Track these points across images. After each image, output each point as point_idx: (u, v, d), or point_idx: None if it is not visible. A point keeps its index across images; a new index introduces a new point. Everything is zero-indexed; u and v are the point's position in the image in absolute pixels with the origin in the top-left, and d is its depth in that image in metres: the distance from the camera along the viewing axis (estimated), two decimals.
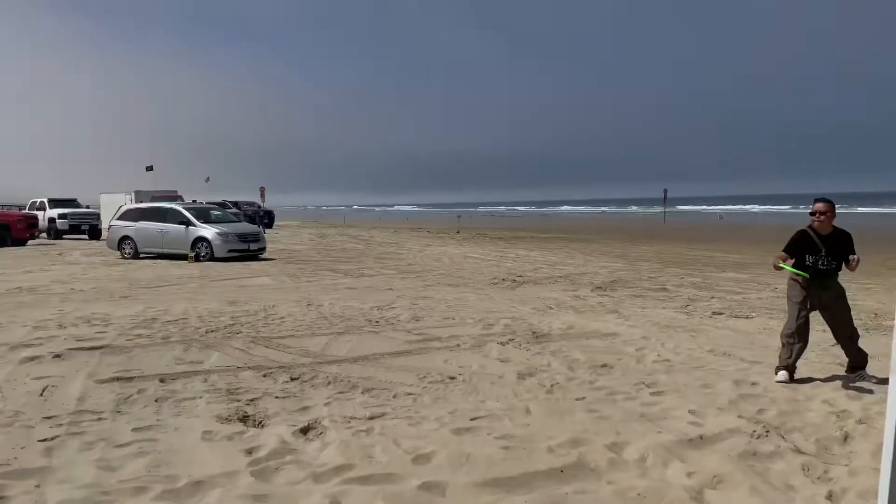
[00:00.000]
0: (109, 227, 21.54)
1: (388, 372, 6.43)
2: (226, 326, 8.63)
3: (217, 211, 22.14)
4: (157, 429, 4.74)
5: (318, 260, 19.85)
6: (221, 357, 6.96)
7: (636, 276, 15.13)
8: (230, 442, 4.48)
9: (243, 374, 6.27)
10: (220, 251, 18.88)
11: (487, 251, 23.61)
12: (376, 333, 8.28)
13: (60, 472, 3.95)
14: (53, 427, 4.77)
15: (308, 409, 5.23)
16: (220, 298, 11.34)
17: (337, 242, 28.85)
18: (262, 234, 20.84)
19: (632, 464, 4.16)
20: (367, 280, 14.51)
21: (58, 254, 22.11)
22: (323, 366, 6.63)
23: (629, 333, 8.33)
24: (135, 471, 3.96)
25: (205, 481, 3.77)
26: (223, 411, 5.13)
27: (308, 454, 4.27)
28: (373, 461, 4.12)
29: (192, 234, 19.31)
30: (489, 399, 5.57)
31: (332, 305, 10.49)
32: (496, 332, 8.36)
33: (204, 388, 5.80)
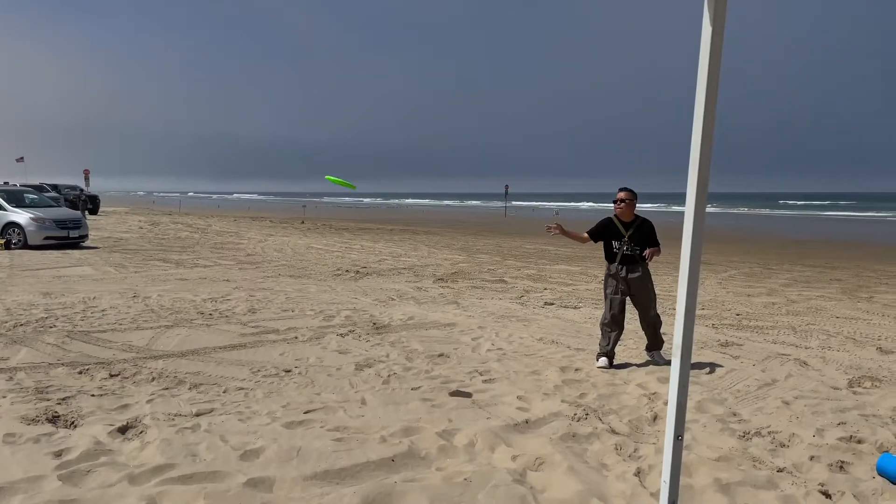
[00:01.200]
0: None
1: (219, 366, 6.20)
2: (38, 320, 7.93)
3: (33, 195, 20.24)
4: None
5: (148, 249, 18.71)
6: (31, 353, 6.39)
7: (476, 268, 15.60)
8: (36, 444, 4.12)
9: (55, 371, 5.80)
10: (35, 238, 17.28)
11: (332, 242, 23.36)
12: (208, 326, 7.96)
13: None
14: None
15: (128, 406, 4.93)
16: (32, 290, 10.39)
17: (170, 230, 27.31)
18: (83, 221, 19.29)
19: (461, 450, 4.30)
20: (202, 271, 13.88)
21: None
22: (147, 361, 6.27)
23: (467, 323, 8.59)
24: None
25: (5, 488, 3.45)
26: (30, 411, 4.71)
27: (125, 454, 4.02)
28: (196, 459, 3.96)
29: (2, 218, 17.52)
30: (325, 391, 5.53)
31: (160, 297, 9.94)
32: (336, 324, 8.30)
33: (9, 386, 5.30)
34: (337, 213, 58.15)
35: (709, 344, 7.68)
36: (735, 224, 43.85)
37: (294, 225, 35.04)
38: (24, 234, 17.31)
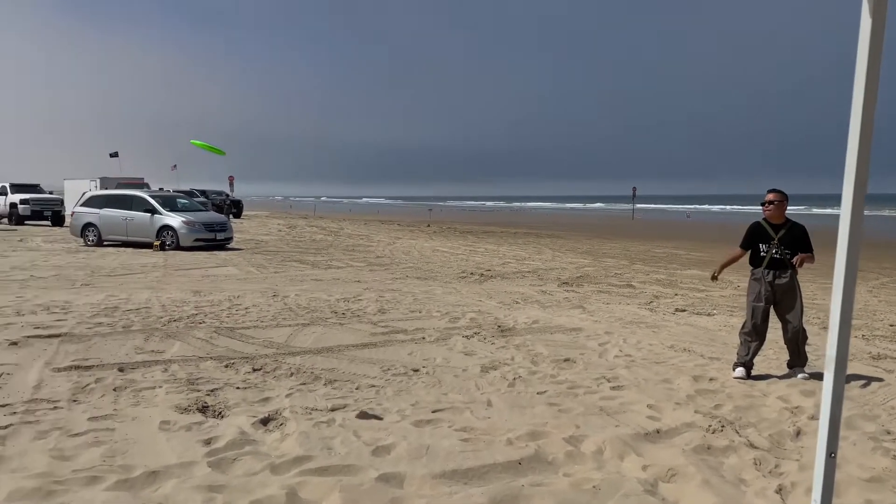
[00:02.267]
0: (73, 213, 21.12)
1: (351, 364, 6.42)
2: (189, 316, 8.53)
3: (184, 199, 21.83)
4: (114, 418, 4.67)
5: (286, 251, 19.70)
6: (183, 347, 6.88)
7: (602, 273, 15.27)
8: (188, 432, 4.43)
9: (205, 365, 6.21)
10: (186, 240, 18.65)
11: (456, 245, 23.64)
12: (342, 325, 8.26)
13: (13, 462, 3.87)
14: (7, 416, 4.67)
15: (269, 400, 5.20)
16: (184, 288, 11.20)
17: (306, 233, 28.63)
18: (229, 224, 20.61)
19: (589, 456, 4.22)
20: (335, 272, 14.44)
21: (18, 240, 21.62)
22: (286, 357, 6.59)
23: (593, 328, 8.42)
24: (89, 460, 3.90)
25: (160, 472, 3.73)
26: (182, 401, 5.07)
27: (267, 445, 4.24)
28: (332, 453, 4.11)
29: (157, 222, 19.04)
30: (451, 392, 5.59)
31: (297, 297, 10.43)
32: (462, 326, 8.38)
33: (164, 377, 5.73)
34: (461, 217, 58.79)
35: (859, 356, 7.11)
36: (888, 228, 40.39)
37: (420, 228, 35.76)
38: (176, 236, 18.70)
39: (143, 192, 21.70)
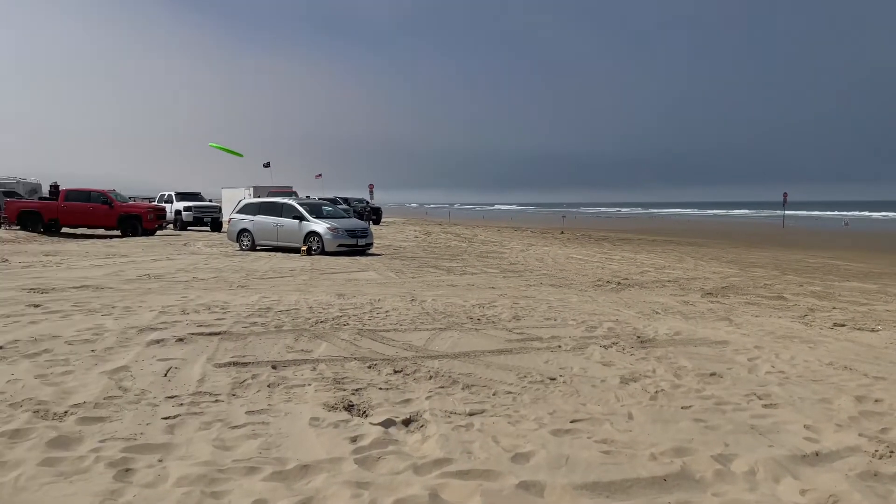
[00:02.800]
0: (230, 220, 22.71)
1: (488, 369, 6.45)
2: (334, 318, 8.91)
3: (328, 207, 22.86)
4: (269, 413, 4.97)
5: (423, 257, 20.15)
6: (329, 347, 7.20)
7: (750, 283, 14.45)
8: (336, 429, 4.63)
9: (349, 365, 6.46)
10: (331, 245, 19.53)
11: (591, 252, 23.21)
12: (477, 331, 8.32)
13: (181, 449, 4.21)
14: (175, 406, 5.09)
15: (410, 401, 5.33)
16: (329, 291, 11.73)
17: (441, 240, 29.17)
18: (369, 231, 21.37)
19: (740, 477, 3.99)
20: (470, 278, 14.60)
21: (183, 244, 23.53)
22: (425, 360, 6.73)
23: (741, 342, 7.98)
24: (248, 451, 4.17)
25: (311, 465, 3.93)
26: (330, 399, 5.31)
27: (409, 446, 4.36)
28: (472, 457, 4.15)
29: (304, 228, 20.07)
30: (590, 402, 5.48)
31: (434, 301, 10.63)
32: (599, 335, 8.21)
33: (312, 376, 6.03)
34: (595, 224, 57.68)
35: None
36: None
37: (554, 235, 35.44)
38: (321, 241, 19.64)
39: (292, 199, 22.97)
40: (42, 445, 4.24)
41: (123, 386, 5.56)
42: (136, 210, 28.49)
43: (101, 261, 16.88)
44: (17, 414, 4.83)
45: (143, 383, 5.66)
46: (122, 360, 6.37)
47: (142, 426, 4.63)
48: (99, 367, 6.11)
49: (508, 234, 36.38)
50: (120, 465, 3.94)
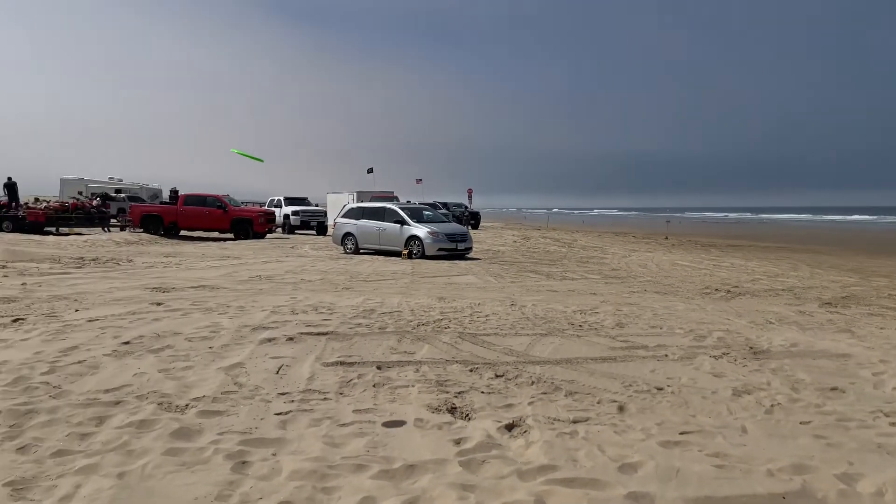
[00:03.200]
0: (334, 224, 23.41)
1: (591, 377, 6.34)
2: (435, 321, 9.01)
3: (429, 211, 23.17)
4: (375, 412, 5.07)
5: (522, 261, 20.07)
6: (431, 349, 7.28)
7: (873, 293, 13.53)
8: (439, 431, 4.67)
9: (451, 368, 6.51)
10: (431, 249, 19.77)
11: (698, 259, 22.40)
12: (579, 337, 8.20)
13: (293, 444, 4.37)
14: (287, 403, 5.29)
15: (512, 406, 5.31)
16: (430, 294, 11.87)
17: (540, 245, 28.95)
18: (469, 235, 21.49)
19: (867, 498, 3.74)
20: (570, 283, 14.41)
21: (290, 247, 24.44)
22: (526, 365, 6.69)
23: (865, 355, 7.48)
24: (355, 449, 4.28)
25: (417, 465, 3.98)
26: (433, 401, 5.36)
27: (512, 451, 4.34)
28: (577, 465, 4.09)
29: (406, 232, 20.41)
30: (700, 414, 5.28)
31: (534, 307, 10.55)
32: (708, 345, 7.90)
33: (416, 377, 6.11)
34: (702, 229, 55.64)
35: None
36: None
37: (657, 241, 34.46)
38: (422, 245, 19.91)
39: (394, 204, 23.42)
40: (166, 436, 4.51)
41: (239, 382, 5.83)
42: (248, 214, 29.86)
43: (216, 262, 17.78)
44: (144, 405, 5.15)
45: (257, 380, 5.91)
46: (237, 357, 6.68)
47: (256, 421, 4.84)
48: (216, 364, 6.43)
49: (609, 239, 35.67)
50: (237, 457, 4.13)
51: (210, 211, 29.01)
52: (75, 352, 6.81)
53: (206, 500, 3.57)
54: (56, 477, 3.87)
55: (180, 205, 29.53)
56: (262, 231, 29.65)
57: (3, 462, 4.07)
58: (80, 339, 7.37)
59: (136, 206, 32.12)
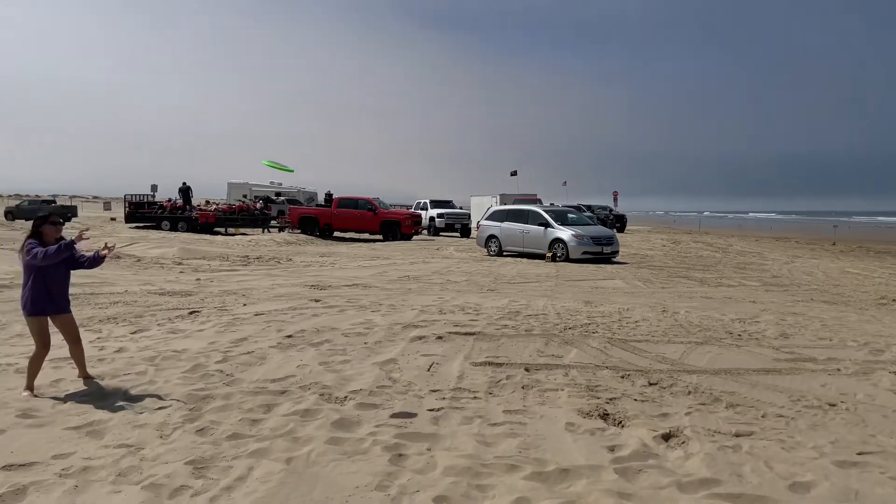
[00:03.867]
0: (478, 226, 23.66)
1: (753, 389, 5.98)
2: (582, 325, 8.86)
3: (573, 214, 22.84)
4: (525, 414, 5.08)
5: (672, 266, 19.31)
6: (580, 354, 7.17)
7: None
8: (592, 437, 4.59)
9: (601, 373, 6.38)
10: (575, 253, 19.47)
11: (871, 267, 20.53)
12: (738, 347, 7.75)
13: (446, 441, 4.46)
14: (438, 399, 5.41)
15: (668, 416, 5.12)
16: (575, 298, 11.70)
17: (691, 249, 27.71)
18: (615, 238, 20.96)
19: None
20: (726, 290, 13.68)
21: (436, 248, 25.01)
22: (681, 374, 6.42)
23: None
24: (507, 449, 4.30)
25: (571, 470, 3.93)
26: (584, 406, 5.28)
27: (670, 461, 4.18)
28: (742, 480, 3.87)
29: (549, 235, 20.25)
30: (881, 434, 4.83)
31: (688, 314, 10.11)
32: (887, 360, 7.21)
33: (565, 381, 6.04)
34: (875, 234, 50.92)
35: None
36: None
37: (823, 246, 31.95)
38: (566, 248, 19.66)
39: (538, 207, 23.31)
40: (328, 426, 4.75)
41: (393, 377, 6.04)
42: (397, 216, 30.87)
43: (367, 262, 18.53)
44: (307, 395, 5.47)
45: (409, 376, 6.10)
46: (390, 353, 6.92)
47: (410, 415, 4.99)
48: (371, 359, 6.70)
49: (768, 244, 33.49)
50: (394, 449, 4.28)
51: (361, 213, 30.27)
52: (244, 343, 7.35)
53: (367, 489, 3.73)
54: (231, 458, 4.19)
55: (334, 207, 31.05)
56: (409, 233, 30.53)
57: (185, 442, 4.47)
58: (248, 332, 7.95)
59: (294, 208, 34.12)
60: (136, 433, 4.62)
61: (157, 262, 17.00)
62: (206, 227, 30.66)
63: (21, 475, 3.91)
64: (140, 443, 4.43)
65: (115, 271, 14.53)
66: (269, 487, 3.76)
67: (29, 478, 3.87)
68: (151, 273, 14.60)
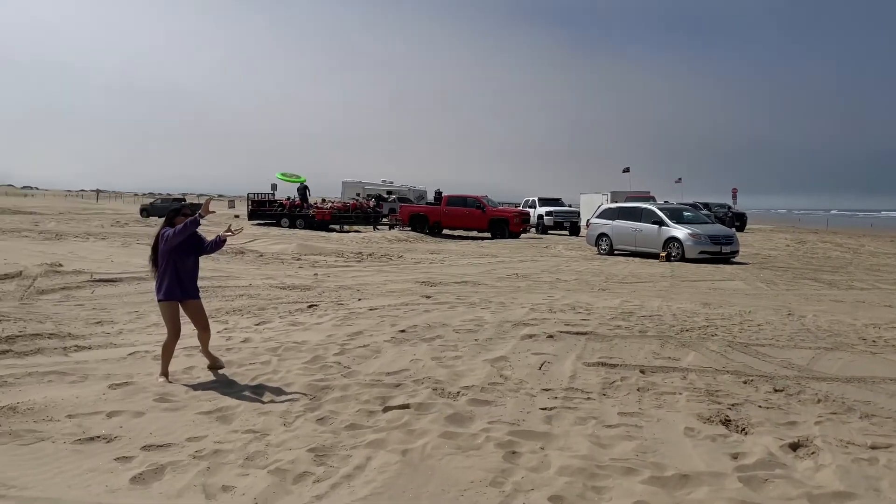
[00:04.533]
0: (588, 224, 23.26)
1: (891, 399, 5.56)
2: (700, 327, 8.54)
3: (689, 212, 22.03)
4: (641, 416, 4.95)
5: (797, 267, 18.24)
6: (698, 357, 6.91)
7: None
8: (713, 443, 4.42)
9: (722, 378, 6.12)
10: (692, 252, 18.77)
11: None
12: (873, 354, 7.24)
13: (559, 441, 4.43)
14: (550, 399, 5.37)
15: (796, 424, 4.85)
16: (692, 299, 11.29)
17: (818, 249, 26.08)
18: (735, 237, 20.04)
19: None
20: (858, 293, 12.78)
21: (544, 247, 24.80)
22: (810, 381, 6.06)
23: None
24: (623, 452, 4.21)
25: (691, 476, 3.81)
26: (704, 411, 5.09)
27: (799, 472, 3.96)
28: (881, 495, 3.62)
29: (664, 233, 19.62)
30: None
31: (815, 318, 9.52)
32: None
33: (683, 384, 5.85)
34: None
35: None
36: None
37: None
38: (682, 247, 18.98)
39: (652, 204, 22.65)
40: (442, 420, 4.82)
41: (504, 375, 6.05)
42: (505, 214, 30.88)
43: (476, 260, 18.64)
44: (420, 389, 5.57)
45: (521, 374, 6.09)
46: (500, 351, 6.94)
47: (522, 413, 4.98)
48: (482, 356, 6.74)
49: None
50: (507, 447, 4.29)
51: (470, 211, 30.48)
52: (360, 336, 7.58)
53: (481, 484, 3.76)
54: (350, 448, 4.34)
55: (443, 205, 31.43)
56: (518, 231, 30.44)
57: (307, 430, 4.66)
58: (363, 326, 8.19)
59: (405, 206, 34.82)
60: (262, 420, 4.86)
61: (277, 257, 17.80)
62: (322, 224, 31.81)
63: (159, 455, 4.21)
64: (265, 429, 4.67)
65: (239, 266, 15.35)
66: (387, 477, 3.86)
67: (166, 458, 4.16)
68: (272, 268, 15.31)
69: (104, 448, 4.32)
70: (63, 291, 10.72)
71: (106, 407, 5.08)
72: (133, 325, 8.26)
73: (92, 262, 14.92)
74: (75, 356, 6.67)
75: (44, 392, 5.42)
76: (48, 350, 6.84)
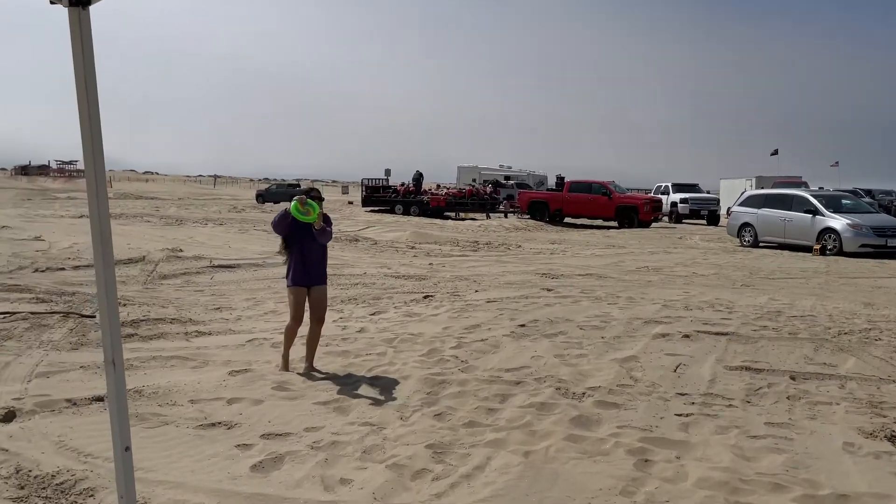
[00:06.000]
0: (729, 212, 22.30)
1: None
2: (861, 330, 8.01)
3: (848, 200, 20.64)
4: (791, 428, 4.73)
5: None
6: (859, 363, 6.50)
7: None
8: (877, 460, 4.16)
9: (888, 388, 5.73)
10: (851, 245, 17.59)
11: None
12: None
13: (698, 450, 4.30)
14: (687, 404, 5.22)
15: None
16: (852, 298, 10.60)
17: None
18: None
19: None
20: None
21: (678, 237, 24.02)
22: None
23: None
24: (771, 466, 4.04)
25: (851, 497, 3.60)
26: (866, 424, 4.79)
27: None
28: None
29: (818, 224, 18.49)
30: None
31: None
32: None
33: (841, 394, 5.52)
34: None
35: None
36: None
37: None
38: (839, 240, 17.83)
39: (804, 191, 21.42)
40: (566, 422, 4.80)
41: (634, 376, 5.93)
42: (634, 201, 30.12)
43: (601, 251, 18.33)
44: (542, 388, 5.57)
45: (653, 376, 5.95)
46: (630, 350, 6.81)
47: (655, 419, 4.88)
48: (610, 355, 6.64)
49: None
50: (638, 454, 4.22)
51: (595, 198, 29.95)
52: (478, 330, 7.66)
53: (611, 493, 3.72)
54: (469, 446, 4.41)
55: (566, 191, 31.08)
56: (648, 219, 29.62)
57: (424, 425, 4.77)
58: (480, 319, 8.26)
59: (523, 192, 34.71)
60: (378, 412, 5.03)
61: (391, 245, 18.26)
62: (436, 210, 32.28)
63: (278, 444, 4.44)
64: (382, 422, 4.82)
65: (353, 254, 15.87)
66: (508, 480, 3.89)
67: (285, 447, 4.38)
68: (387, 256, 15.72)
69: (225, 434, 4.61)
70: (184, 277, 11.49)
71: (226, 393, 5.42)
72: (251, 312, 8.73)
73: (210, 247, 15.87)
74: (196, 342, 7.14)
75: (167, 376, 5.85)
76: (171, 335, 7.37)
